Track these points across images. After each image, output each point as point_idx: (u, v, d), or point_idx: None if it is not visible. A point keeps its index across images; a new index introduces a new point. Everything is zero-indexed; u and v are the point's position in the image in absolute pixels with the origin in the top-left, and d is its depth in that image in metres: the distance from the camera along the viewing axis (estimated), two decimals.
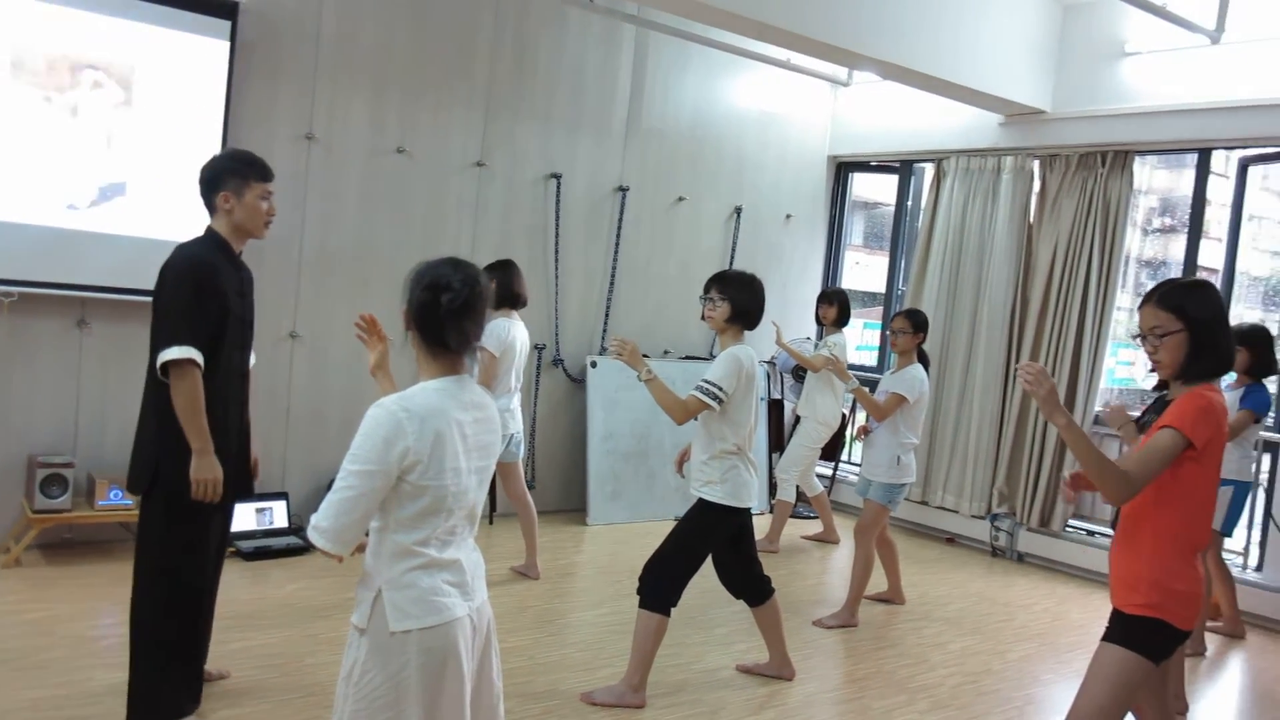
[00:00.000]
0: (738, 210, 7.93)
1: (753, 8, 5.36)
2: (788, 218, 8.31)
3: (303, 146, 5.79)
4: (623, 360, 3.97)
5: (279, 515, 5.73)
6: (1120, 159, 6.76)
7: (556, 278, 6.98)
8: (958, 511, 7.43)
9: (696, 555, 4.06)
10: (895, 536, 5.85)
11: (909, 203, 8.31)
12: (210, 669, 3.73)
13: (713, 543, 4.13)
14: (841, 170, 8.68)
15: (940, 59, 6.27)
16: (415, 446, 2.19)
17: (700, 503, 4.06)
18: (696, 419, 4.05)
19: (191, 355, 3.18)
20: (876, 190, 9.22)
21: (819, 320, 6.98)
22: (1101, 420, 6.83)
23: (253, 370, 3.61)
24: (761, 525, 6.27)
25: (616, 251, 7.25)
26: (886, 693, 4.43)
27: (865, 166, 8.65)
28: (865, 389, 5.47)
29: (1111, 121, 6.76)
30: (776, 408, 7.98)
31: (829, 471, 8.03)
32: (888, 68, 6.28)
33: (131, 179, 5.20)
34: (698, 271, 7.01)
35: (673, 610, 4.01)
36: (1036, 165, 7.24)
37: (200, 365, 3.21)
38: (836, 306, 6.72)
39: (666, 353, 7.56)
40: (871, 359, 8.58)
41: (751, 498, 4.10)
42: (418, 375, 2.34)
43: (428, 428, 2.21)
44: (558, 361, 7.06)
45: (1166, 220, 7.66)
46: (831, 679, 4.62)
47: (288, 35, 5.67)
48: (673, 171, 7.53)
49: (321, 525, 2.19)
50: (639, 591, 4.01)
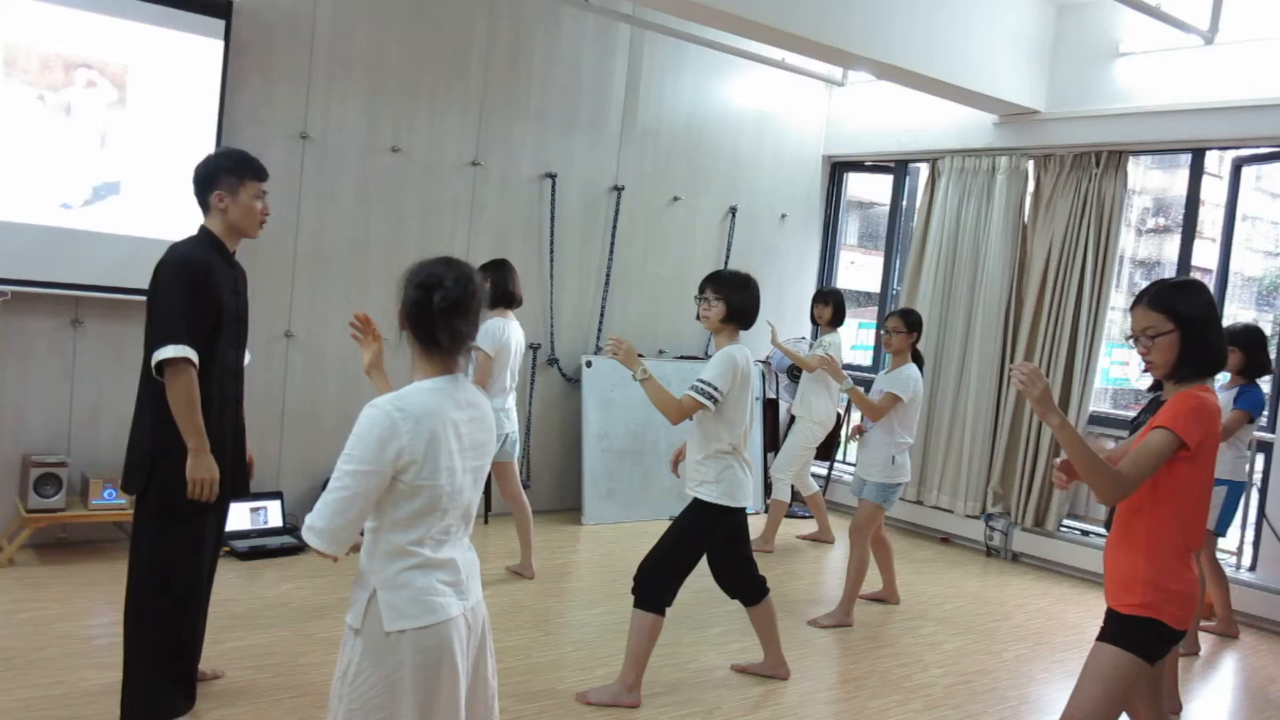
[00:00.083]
0: (733, 210, 7.93)
1: (748, 7, 5.36)
2: (783, 217, 8.32)
3: (297, 146, 5.78)
4: (618, 360, 3.96)
5: (274, 515, 5.72)
6: (1114, 159, 6.77)
7: (552, 277, 6.97)
8: (952, 511, 7.44)
9: (691, 555, 4.06)
10: (890, 536, 5.85)
11: (904, 203, 8.31)
12: (204, 669, 3.72)
13: (708, 542, 4.13)
14: (836, 170, 8.68)
15: (935, 59, 6.28)
16: (410, 446, 2.19)
17: (695, 502, 4.06)
18: (691, 419, 4.05)
19: (187, 354, 3.18)
20: (871, 190, 9.23)
21: (814, 320, 6.98)
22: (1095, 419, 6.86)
23: (247, 369, 3.61)
24: (756, 525, 6.28)
25: (612, 251, 7.25)
26: (881, 692, 4.43)
27: (860, 166, 8.65)
28: (860, 389, 5.48)
29: (1106, 122, 6.77)
30: (772, 407, 7.98)
31: (824, 471, 8.03)
32: (882, 68, 6.28)
33: (125, 178, 5.18)
34: (693, 271, 7.02)
35: (668, 610, 4.01)
36: (1031, 165, 7.25)
37: (195, 364, 3.21)
38: (831, 306, 6.73)
39: (662, 352, 7.56)
40: (867, 359, 8.59)
41: (746, 497, 4.10)
42: (412, 375, 2.34)
43: (422, 428, 2.21)
44: (553, 361, 7.05)
45: (1161, 220, 7.67)
46: (826, 679, 4.62)
47: (282, 34, 5.67)
48: (668, 171, 7.53)
49: (316, 525, 2.18)
50: (634, 591, 4.01)
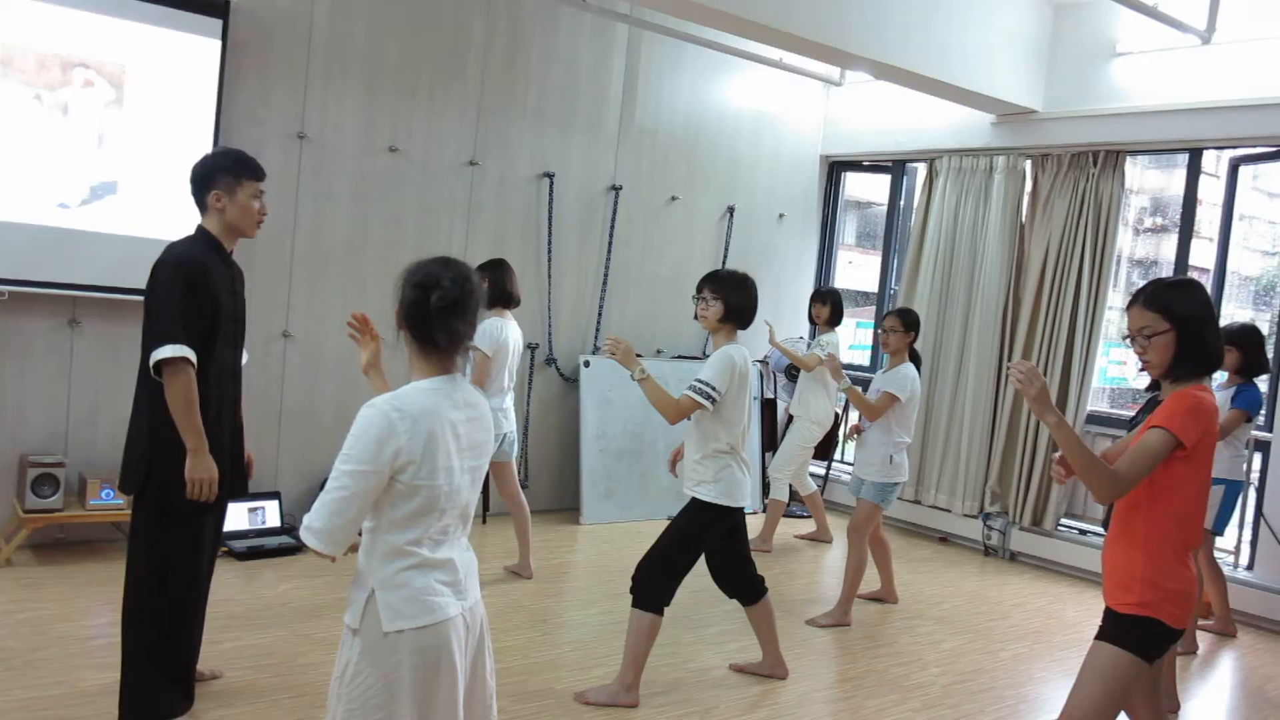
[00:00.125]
0: (730, 210, 7.93)
1: (746, 7, 5.36)
2: (780, 217, 8.32)
3: (295, 145, 5.77)
4: (616, 359, 3.96)
5: (271, 515, 5.72)
6: (1112, 159, 6.77)
7: (549, 277, 6.97)
8: (950, 510, 7.44)
9: (689, 554, 4.06)
10: (889, 535, 5.85)
11: (901, 202, 8.31)
12: (202, 669, 3.72)
13: (706, 542, 4.12)
14: (834, 170, 8.68)
15: (932, 59, 6.28)
16: (408, 446, 2.19)
17: (693, 502, 4.06)
18: (689, 418, 4.05)
19: (185, 354, 3.18)
20: (869, 190, 9.23)
21: (812, 319, 6.99)
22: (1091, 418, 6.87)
23: (245, 369, 3.61)
24: (754, 524, 6.28)
25: (609, 251, 7.25)
26: (879, 692, 4.44)
27: (858, 166, 8.66)
28: (858, 388, 5.49)
29: (1103, 121, 6.77)
30: (769, 407, 7.98)
31: (822, 471, 8.04)
32: (880, 67, 6.29)
33: (123, 178, 5.18)
34: (691, 271, 7.02)
35: (666, 609, 4.01)
36: (1028, 165, 7.25)
37: (194, 364, 3.21)
38: (829, 306, 6.73)
39: (659, 352, 7.56)
40: (864, 358, 8.60)
41: (744, 497, 4.10)
42: (409, 375, 2.34)
43: (420, 428, 2.20)
44: (551, 361, 7.05)
45: (1158, 220, 7.68)
46: (824, 678, 4.62)
47: (280, 34, 5.66)
48: (666, 171, 7.53)
49: (314, 525, 2.18)
50: (632, 591, 4.01)
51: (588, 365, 7.07)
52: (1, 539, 5.02)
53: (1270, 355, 5.76)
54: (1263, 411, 5.82)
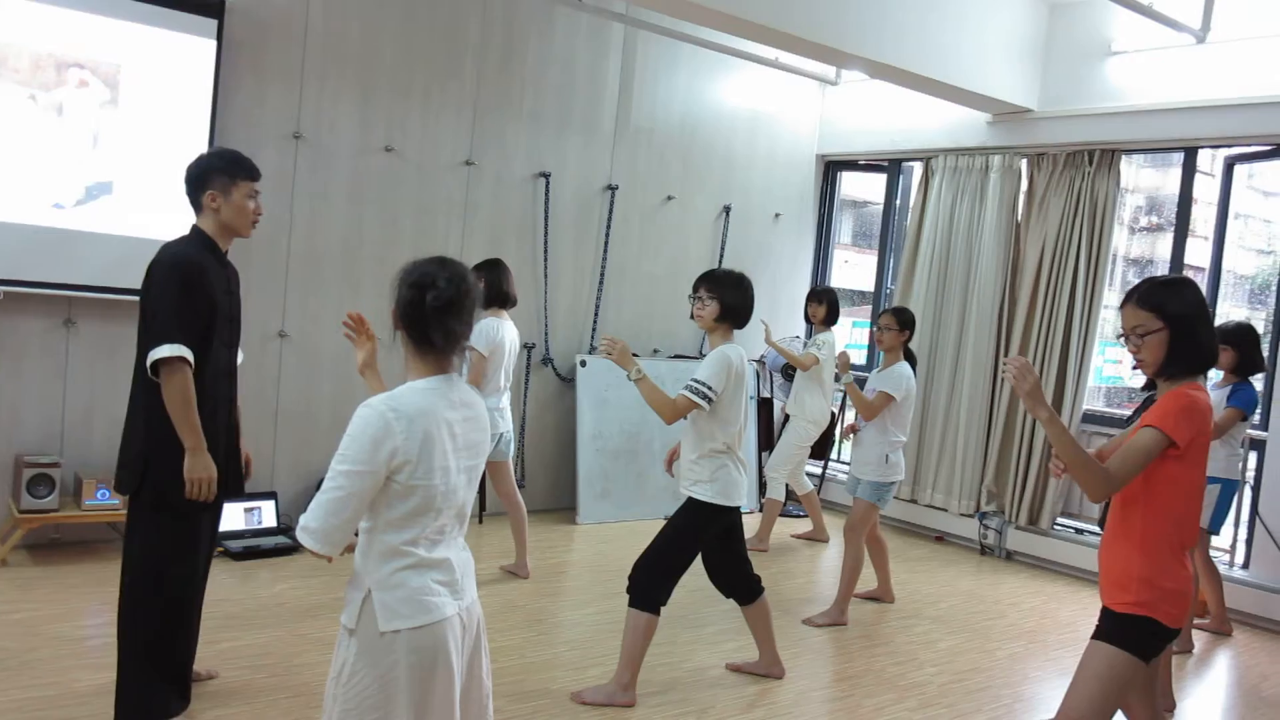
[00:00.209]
0: (727, 209, 7.93)
1: (741, 7, 5.36)
2: (776, 216, 8.32)
3: (290, 145, 5.77)
4: (612, 359, 3.96)
5: (267, 515, 5.72)
6: (1107, 158, 6.78)
7: (546, 277, 6.97)
8: (946, 510, 7.45)
9: (686, 554, 4.06)
10: (885, 535, 5.85)
11: (897, 201, 8.32)
12: (198, 669, 3.71)
13: (702, 541, 4.12)
14: (830, 169, 8.69)
15: (928, 58, 6.28)
16: (404, 447, 2.18)
17: (690, 501, 4.06)
18: (686, 418, 4.05)
19: (182, 353, 3.17)
20: (865, 189, 9.23)
21: (808, 319, 6.99)
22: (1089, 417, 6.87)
23: (240, 369, 3.61)
24: (751, 524, 6.28)
25: (606, 250, 7.25)
26: (876, 691, 4.44)
27: (854, 165, 8.66)
28: (857, 386, 5.49)
29: (1098, 121, 6.78)
30: (766, 406, 7.99)
31: (818, 470, 8.04)
32: (875, 67, 6.29)
33: (118, 178, 5.17)
34: (687, 270, 7.02)
35: (662, 609, 4.01)
36: (1024, 164, 7.26)
37: (191, 363, 3.20)
38: (825, 305, 6.73)
39: (656, 351, 7.56)
40: (861, 357, 8.60)
41: (741, 496, 4.10)
42: (406, 374, 2.33)
43: (416, 428, 2.20)
44: (547, 360, 7.05)
45: (1153, 219, 7.68)
46: (821, 677, 4.62)
47: (275, 34, 5.66)
48: (662, 170, 7.53)
49: (310, 526, 2.18)
50: (629, 590, 4.01)
51: (584, 365, 7.07)
52: None
53: (1266, 354, 5.77)
54: (1258, 410, 5.84)
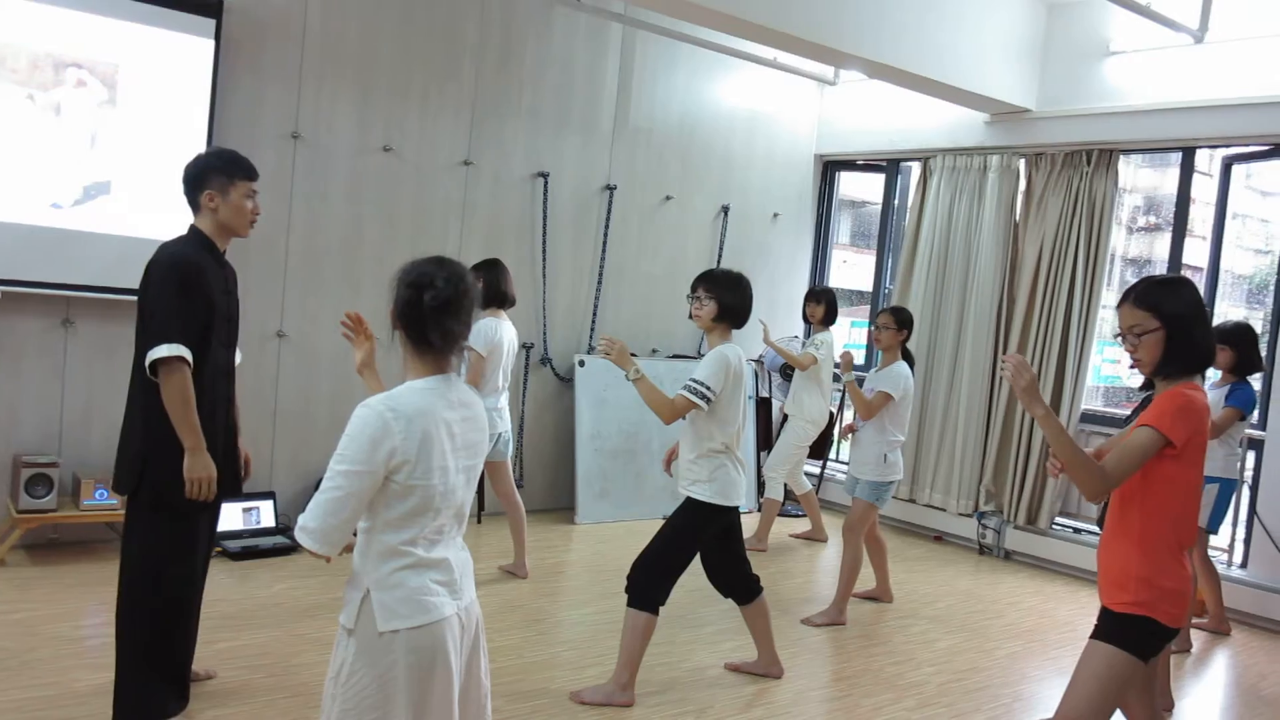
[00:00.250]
0: (725, 209, 7.93)
1: (740, 7, 5.36)
2: (775, 216, 8.32)
3: (288, 145, 5.76)
4: (611, 359, 3.96)
5: (266, 515, 5.71)
6: (1105, 158, 6.79)
7: (544, 277, 6.97)
8: (945, 509, 7.45)
9: (684, 554, 4.06)
10: (884, 534, 5.85)
11: (896, 201, 8.33)
12: (197, 669, 3.71)
13: (701, 541, 4.12)
14: (828, 169, 8.69)
15: (926, 58, 6.29)
16: (402, 447, 2.18)
17: (688, 501, 4.06)
18: (684, 418, 4.05)
19: (181, 353, 3.17)
20: (863, 189, 9.23)
21: (806, 319, 7.00)
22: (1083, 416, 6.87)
23: (239, 369, 3.61)
24: (749, 524, 6.27)
25: (604, 250, 7.25)
26: (874, 690, 4.44)
27: (852, 165, 8.66)
28: (857, 384, 5.50)
29: (1096, 120, 6.78)
30: (764, 406, 7.99)
31: (817, 470, 8.04)
32: (874, 67, 6.29)
33: (116, 178, 5.17)
34: (685, 270, 7.01)
35: (661, 609, 4.01)
36: (1022, 164, 7.26)
37: (190, 363, 3.20)
38: (824, 305, 6.74)
39: (654, 351, 7.56)
40: (859, 357, 8.59)
41: (739, 496, 4.10)
42: (404, 374, 2.33)
43: (415, 428, 2.20)
44: (545, 360, 7.05)
45: (1151, 219, 7.69)
46: (819, 677, 4.62)
47: (273, 34, 5.65)
48: (660, 170, 7.53)
49: (309, 526, 2.18)
50: (627, 590, 4.01)
51: (583, 365, 7.07)
52: None
53: (1264, 353, 5.77)
54: (1256, 410, 5.84)
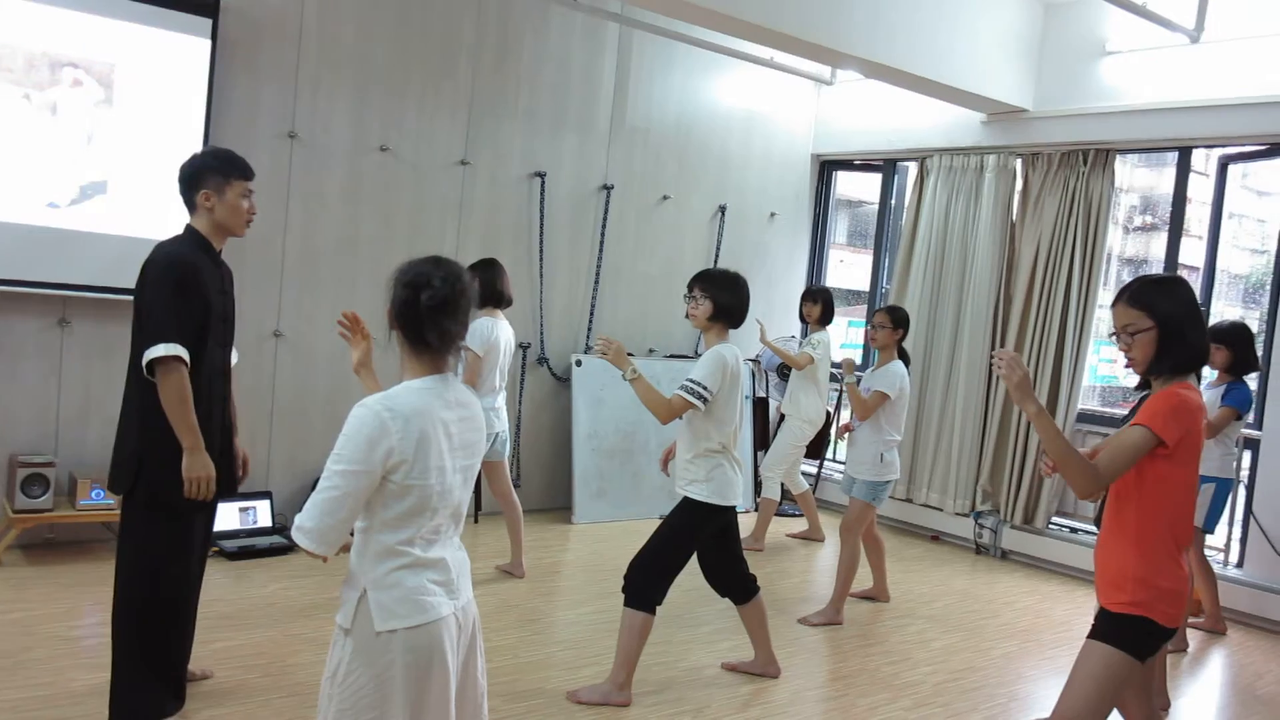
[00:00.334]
0: (722, 209, 7.93)
1: (737, 7, 5.36)
2: (772, 216, 8.32)
3: (285, 144, 5.76)
4: (608, 359, 3.96)
5: (263, 514, 5.71)
6: (1102, 157, 6.79)
7: (541, 276, 6.97)
8: (942, 509, 7.45)
9: (682, 553, 4.06)
10: (881, 534, 5.85)
11: (892, 201, 8.33)
12: (193, 669, 3.71)
13: (698, 541, 4.13)
14: (825, 169, 8.69)
15: (923, 57, 6.29)
16: (399, 446, 2.18)
17: (685, 501, 4.06)
18: (681, 418, 4.05)
19: (178, 352, 3.17)
20: (860, 189, 9.24)
21: (803, 318, 7.00)
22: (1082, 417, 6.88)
23: (235, 368, 3.60)
24: (746, 523, 6.28)
25: (601, 250, 7.25)
26: (871, 690, 4.44)
27: (849, 165, 8.67)
28: (856, 386, 5.50)
29: (1093, 120, 6.79)
30: (761, 406, 7.99)
31: (814, 469, 8.05)
32: (871, 66, 6.29)
33: (112, 177, 5.16)
34: (682, 270, 7.01)
35: (658, 609, 4.01)
36: (1019, 164, 7.27)
37: (187, 362, 3.20)
38: (820, 304, 6.74)
39: (652, 351, 7.56)
40: (856, 357, 8.60)
41: (736, 496, 4.10)
42: (401, 374, 2.33)
43: (412, 427, 2.20)
44: (542, 360, 7.05)
45: (1148, 218, 7.70)
46: (816, 677, 4.63)
47: (270, 33, 5.65)
48: (657, 170, 7.53)
49: (306, 525, 2.18)
50: (624, 590, 4.01)
51: (579, 365, 7.06)
52: None
53: (1260, 353, 5.78)
54: (1252, 409, 5.85)
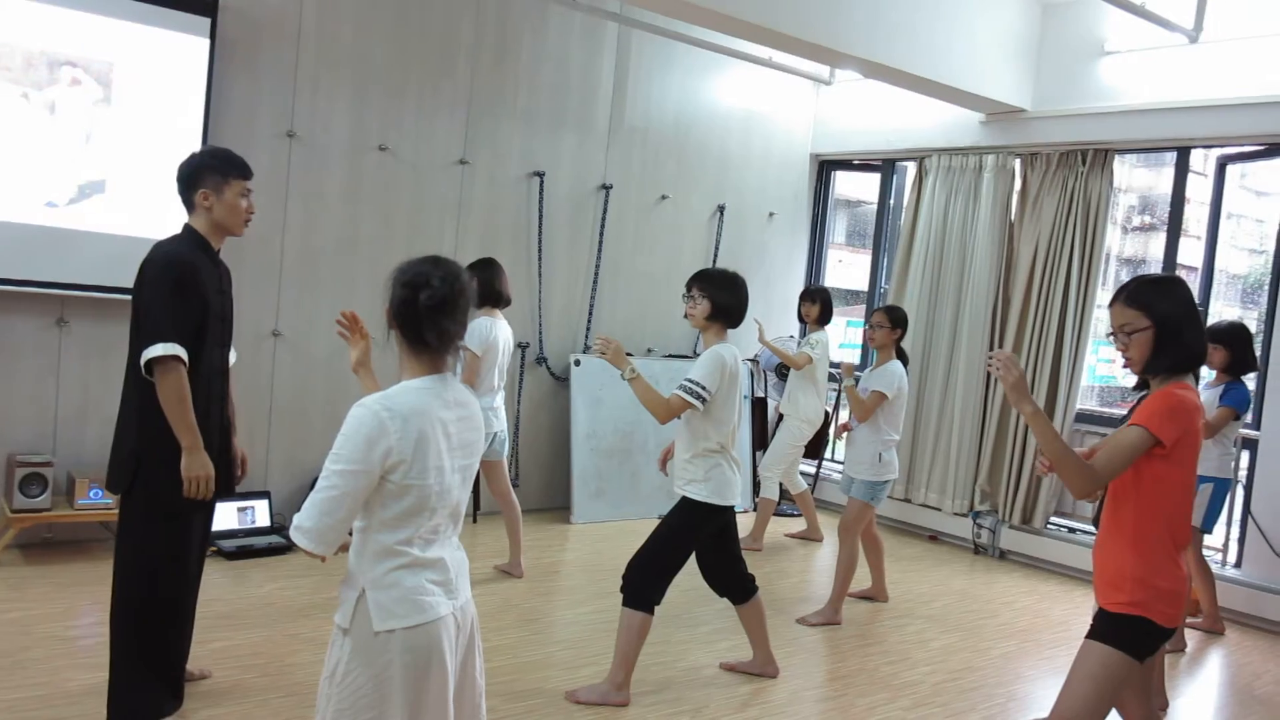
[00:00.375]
0: (721, 208, 7.93)
1: (735, 6, 5.35)
2: (770, 216, 8.32)
3: (284, 144, 5.75)
4: (606, 359, 3.96)
5: (261, 514, 5.71)
6: (1100, 157, 6.80)
7: (540, 276, 6.96)
8: (940, 509, 7.46)
9: (680, 553, 4.06)
10: (880, 534, 5.84)
11: (891, 201, 8.33)
12: (191, 669, 3.71)
13: (696, 541, 4.12)
14: (824, 168, 8.69)
15: (921, 57, 6.29)
16: (398, 446, 2.18)
17: (684, 501, 4.06)
18: (680, 417, 4.05)
19: (176, 352, 3.17)
20: (859, 188, 9.24)
21: (801, 318, 7.00)
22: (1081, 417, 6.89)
23: (233, 368, 3.60)
24: (745, 523, 6.29)
25: (600, 249, 7.24)
26: (869, 690, 4.44)
27: (848, 165, 8.67)
28: (855, 388, 5.50)
29: (1091, 120, 6.79)
30: (760, 406, 7.99)
31: (813, 469, 8.05)
32: (870, 66, 6.29)
33: (111, 176, 5.16)
34: (681, 270, 7.00)
35: (656, 608, 4.01)
36: (1018, 164, 7.27)
37: (185, 362, 3.19)
38: (819, 304, 6.74)
39: (650, 351, 7.56)
40: (855, 357, 8.60)
41: (735, 496, 4.10)
42: (400, 374, 2.33)
43: (410, 427, 2.20)
44: (541, 360, 7.04)
45: (1146, 218, 7.70)
46: (815, 677, 4.63)
47: (269, 32, 5.64)
48: (656, 170, 7.53)
49: (304, 525, 2.18)
50: (623, 590, 4.00)
51: (578, 364, 7.06)
52: None
53: (1258, 353, 5.78)
54: (1250, 409, 5.85)
